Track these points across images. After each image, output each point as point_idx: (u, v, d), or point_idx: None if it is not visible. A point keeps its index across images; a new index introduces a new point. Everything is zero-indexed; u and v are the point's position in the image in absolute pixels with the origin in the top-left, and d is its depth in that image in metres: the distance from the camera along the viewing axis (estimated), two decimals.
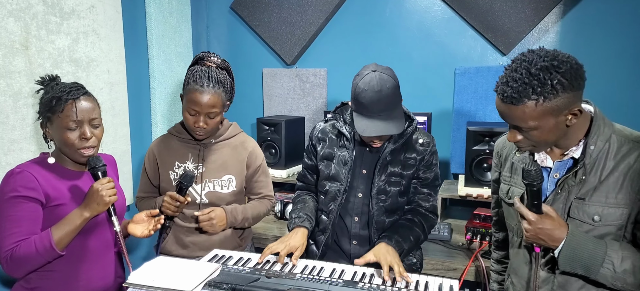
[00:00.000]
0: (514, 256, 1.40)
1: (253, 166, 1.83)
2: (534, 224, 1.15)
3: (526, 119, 1.11)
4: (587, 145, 1.18)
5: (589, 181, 1.18)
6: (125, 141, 2.35)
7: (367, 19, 2.69)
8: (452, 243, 2.23)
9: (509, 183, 1.36)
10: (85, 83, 2.05)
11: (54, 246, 1.32)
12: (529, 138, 1.16)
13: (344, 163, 1.66)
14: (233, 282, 1.27)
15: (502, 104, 1.14)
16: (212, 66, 1.67)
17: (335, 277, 1.37)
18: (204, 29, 3.04)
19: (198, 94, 1.61)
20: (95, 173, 1.39)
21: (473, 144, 2.22)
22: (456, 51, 2.56)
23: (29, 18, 1.82)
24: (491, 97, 2.49)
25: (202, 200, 1.75)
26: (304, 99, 2.90)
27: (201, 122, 1.64)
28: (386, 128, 1.50)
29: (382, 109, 1.49)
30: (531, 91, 1.07)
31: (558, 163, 1.25)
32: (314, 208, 1.76)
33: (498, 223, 1.54)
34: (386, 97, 1.48)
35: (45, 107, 1.36)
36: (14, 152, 1.80)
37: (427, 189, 1.68)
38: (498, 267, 1.59)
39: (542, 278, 1.27)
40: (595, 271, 1.14)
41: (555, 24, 2.38)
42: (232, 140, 1.81)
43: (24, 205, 1.33)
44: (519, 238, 1.35)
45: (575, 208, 1.20)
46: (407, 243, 1.55)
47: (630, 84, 2.24)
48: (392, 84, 1.50)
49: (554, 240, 1.15)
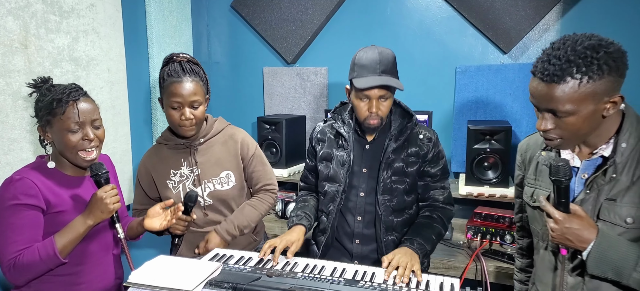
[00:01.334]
0: (539, 262, 1.31)
1: (247, 156, 1.79)
2: (561, 224, 1.08)
3: (565, 101, 1.03)
4: (618, 143, 1.10)
5: (620, 180, 1.10)
6: (126, 140, 2.35)
7: (367, 18, 2.69)
8: (452, 242, 2.23)
9: (533, 185, 1.29)
10: (85, 82, 2.06)
11: (57, 254, 1.30)
12: (562, 127, 1.07)
13: (342, 163, 1.65)
14: (234, 281, 1.26)
15: (540, 84, 1.06)
16: (183, 60, 1.65)
17: (337, 276, 1.37)
18: (204, 27, 3.03)
19: (177, 85, 1.59)
20: (99, 179, 1.37)
21: (474, 143, 2.21)
22: (457, 49, 2.55)
23: (28, 17, 1.81)
24: (492, 96, 2.48)
25: (206, 202, 1.74)
26: (305, 98, 2.89)
27: (187, 114, 1.61)
28: (388, 80, 1.50)
29: (383, 69, 1.51)
30: (576, 69, 1.00)
31: (586, 162, 1.17)
32: (314, 206, 1.75)
33: (522, 228, 1.46)
34: (386, 58, 1.52)
35: (44, 111, 1.33)
36: (14, 151, 1.79)
37: (439, 182, 1.67)
38: (522, 276, 1.50)
39: (570, 284, 1.18)
40: (627, 276, 1.05)
41: (556, 22, 2.37)
42: (220, 136, 1.78)
43: (25, 213, 1.31)
44: (544, 243, 1.27)
45: (605, 209, 1.11)
46: (429, 244, 1.55)
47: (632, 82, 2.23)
48: (392, 53, 1.55)
49: (583, 241, 1.07)
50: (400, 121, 1.63)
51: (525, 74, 2.40)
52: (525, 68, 2.41)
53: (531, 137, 1.38)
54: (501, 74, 2.46)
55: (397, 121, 1.63)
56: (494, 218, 2.21)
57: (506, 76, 2.45)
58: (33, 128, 1.85)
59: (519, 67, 2.43)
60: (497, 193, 2.20)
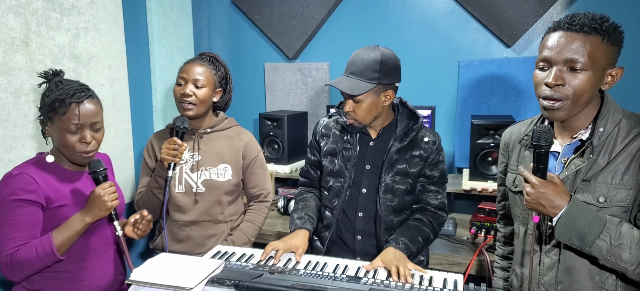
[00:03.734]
0: (518, 246, 1.38)
1: (249, 157, 1.84)
2: (536, 188, 1.13)
3: (587, 53, 1.10)
4: (596, 127, 1.17)
5: (596, 163, 1.17)
6: (127, 137, 2.35)
7: (369, 12, 2.67)
8: (456, 238, 2.21)
9: (515, 172, 1.35)
10: (86, 79, 2.05)
11: (54, 251, 1.31)
12: (572, 84, 1.13)
13: (347, 159, 1.64)
14: (236, 278, 1.26)
15: (564, 35, 1.13)
16: (207, 54, 1.82)
17: (339, 273, 1.36)
18: (205, 23, 3.02)
19: (187, 64, 1.75)
20: (97, 177, 1.38)
21: (477, 138, 2.19)
22: (460, 43, 2.53)
23: (29, 14, 1.80)
24: (495, 91, 2.46)
25: (199, 188, 1.76)
26: (307, 94, 2.88)
27: (187, 90, 1.69)
28: (340, 82, 1.53)
29: (351, 71, 1.54)
30: (600, 28, 1.11)
31: (567, 147, 1.24)
32: (315, 207, 1.74)
33: (504, 217, 1.53)
34: (361, 60, 1.52)
35: (48, 107, 1.34)
36: (16, 149, 1.79)
37: (435, 187, 1.65)
38: (503, 263, 1.56)
39: (546, 265, 1.26)
40: (591, 242, 1.11)
41: (559, 16, 2.34)
42: (227, 131, 1.84)
43: (23, 209, 1.31)
44: (524, 227, 1.34)
45: (580, 189, 1.18)
46: (416, 245, 1.53)
47: (635, 75, 2.21)
48: (375, 57, 1.51)
49: (554, 207, 1.13)
50: (406, 122, 1.62)
51: (529, 67, 2.38)
52: (529, 62, 2.38)
53: (514, 126, 1.44)
54: (505, 68, 2.43)
55: (404, 122, 1.62)
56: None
57: (510, 69, 2.42)
58: (35, 126, 1.85)
59: (522, 61, 2.40)
60: None
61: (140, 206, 1.79)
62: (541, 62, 1.19)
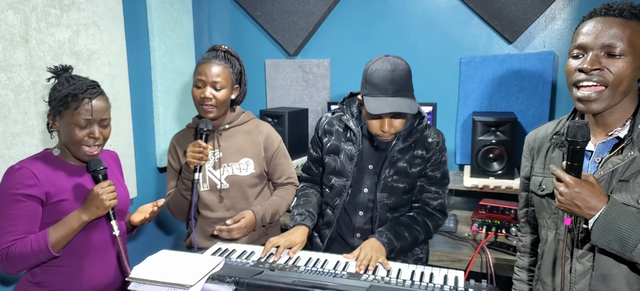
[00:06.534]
0: (546, 254, 1.27)
1: (270, 149, 1.84)
2: (571, 188, 1.04)
3: (626, 38, 1.04)
4: (635, 123, 1.10)
5: (635, 161, 1.07)
6: (128, 134, 2.34)
7: (370, 8, 2.66)
8: (457, 235, 2.21)
9: (542, 175, 1.26)
10: (87, 76, 2.04)
11: (49, 247, 1.32)
12: (610, 68, 1.05)
13: (350, 157, 1.63)
14: (236, 275, 1.25)
15: (601, 20, 1.07)
16: (221, 49, 1.77)
17: (340, 270, 1.36)
18: (205, 20, 3.01)
19: (204, 65, 1.69)
20: (96, 176, 1.38)
21: (479, 135, 2.19)
22: (461, 39, 2.52)
23: (29, 10, 1.80)
24: (497, 87, 2.45)
25: (222, 184, 1.76)
26: (307, 91, 2.87)
27: (207, 93, 1.66)
28: (399, 105, 1.42)
29: (395, 89, 1.43)
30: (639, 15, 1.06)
31: (601, 145, 1.15)
32: (316, 203, 1.73)
33: (527, 224, 1.41)
34: (399, 76, 1.43)
35: (59, 102, 1.35)
36: (17, 146, 1.79)
37: (435, 187, 1.64)
38: (523, 275, 1.44)
39: (578, 272, 1.16)
40: (633, 246, 1.02)
41: (562, 11, 2.33)
42: (245, 125, 1.84)
43: (22, 203, 1.32)
44: (553, 232, 1.23)
45: (617, 190, 1.09)
46: (400, 242, 1.51)
47: None
48: (405, 66, 1.47)
49: (591, 208, 1.04)
50: (410, 122, 1.60)
51: (531, 64, 2.36)
52: (531, 58, 2.37)
53: (540, 128, 1.35)
54: (506, 65, 2.42)
55: (408, 122, 1.60)
56: (499, 210, 2.19)
57: (512, 66, 2.41)
58: (36, 123, 1.85)
59: (524, 57, 2.39)
60: (502, 184, 2.18)
61: (171, 207, 1.82)
62: (575, 50, 1.10)
